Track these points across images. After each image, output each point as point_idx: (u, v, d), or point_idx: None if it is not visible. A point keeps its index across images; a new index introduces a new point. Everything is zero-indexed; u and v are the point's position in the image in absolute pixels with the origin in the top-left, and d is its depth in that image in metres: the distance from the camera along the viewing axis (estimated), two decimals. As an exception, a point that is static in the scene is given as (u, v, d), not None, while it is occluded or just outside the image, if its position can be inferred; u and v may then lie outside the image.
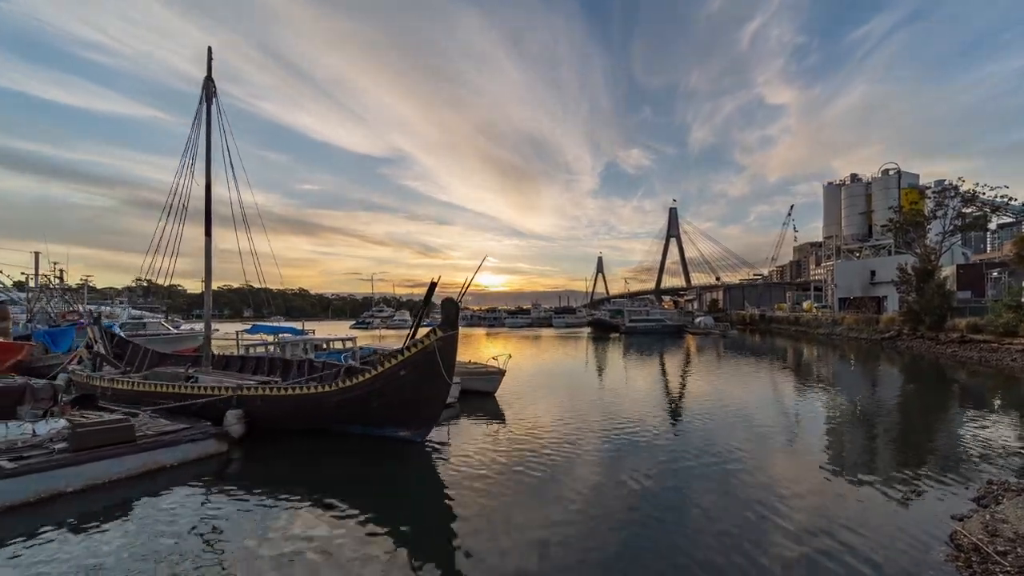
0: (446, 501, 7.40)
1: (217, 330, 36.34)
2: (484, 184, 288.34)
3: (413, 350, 9.74)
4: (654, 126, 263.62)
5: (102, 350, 14.69)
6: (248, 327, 21.16)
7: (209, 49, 13.66)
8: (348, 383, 10.14)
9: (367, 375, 10.07)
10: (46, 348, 21.09)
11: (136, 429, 8.97)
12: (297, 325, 23.82)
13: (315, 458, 9.58)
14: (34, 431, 8.87)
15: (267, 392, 10.68)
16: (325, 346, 19.82)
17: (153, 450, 8.65)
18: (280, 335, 19.68)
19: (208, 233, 13.53)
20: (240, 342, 19.51)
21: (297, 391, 10.47)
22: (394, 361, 9.87)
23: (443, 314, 9.92)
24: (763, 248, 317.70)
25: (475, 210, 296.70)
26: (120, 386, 12.27)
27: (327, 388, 10.26)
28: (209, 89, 13.51)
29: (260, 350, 18.35)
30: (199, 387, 11.16)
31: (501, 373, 15.93)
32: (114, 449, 8.19)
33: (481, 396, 15.29)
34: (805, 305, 60.73)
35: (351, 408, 10.32)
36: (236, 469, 9.06)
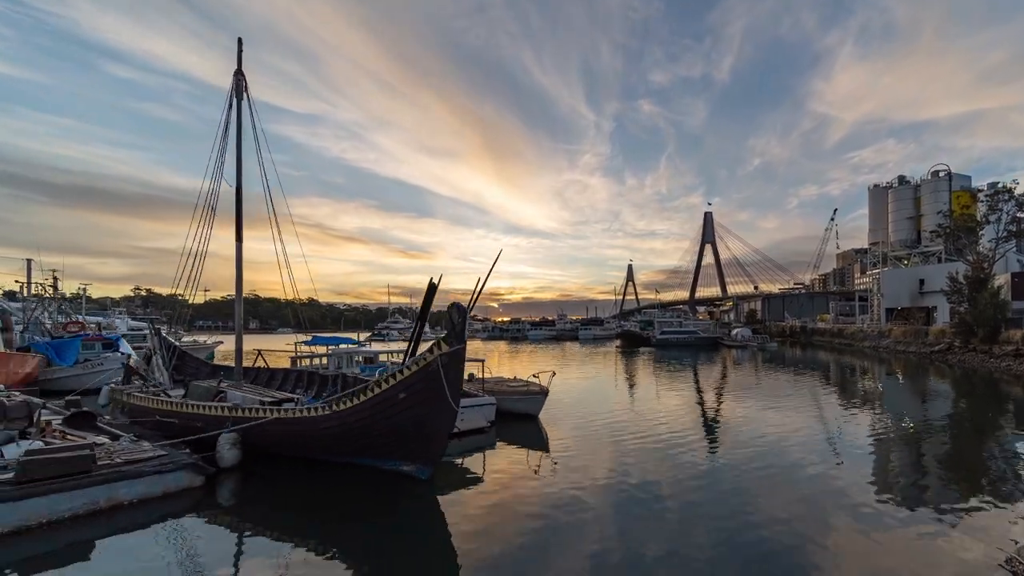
0: (465, 557, 6.07)
1: (221, 342, 36.67)
2: (445, 149, 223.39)
3: (413, 368, 8.25)
4: (675, 55, 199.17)
5: (160, 361, 14.36)
6: (308, 339, 21.17)
7: (240, 40, 12.64)
8: (339, 408, 8.83)
9: (359, 399, 8.70)
10: (48, 361, 20.19)
11: (106, 456, 7.85)
12: (356, 336, 23.83)
13: (311, 495, 8.37)
14: (2, 453, 8.02)
15: (255, 415, 9.61)
16: (377, 359, 19.38)
17: (110, 483, 7.31)
18: (335, 346, 19.99)
19: (239, 238, 12.82)
20: (297, 354, 19.79)
21: (284, 415, 9.39)
22: (392, 382, 8.41)
23: (449, 323, 8.33)
24: (803, 243, 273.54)
25: (447, 195, 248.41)
26: (134, 401, 11.92)
27: (314, 413, 9.02)
28: (240, 83, 12.74)
29: (314, 362, 18.56)
30: (189, 406, 10.35)
31: (544, 393, 14.71)
32: (64, 482, 6.88)
33: (520, 419, 14.06)
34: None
35: (344, 436, 9.05)
36: (208, 509, 7.69)
